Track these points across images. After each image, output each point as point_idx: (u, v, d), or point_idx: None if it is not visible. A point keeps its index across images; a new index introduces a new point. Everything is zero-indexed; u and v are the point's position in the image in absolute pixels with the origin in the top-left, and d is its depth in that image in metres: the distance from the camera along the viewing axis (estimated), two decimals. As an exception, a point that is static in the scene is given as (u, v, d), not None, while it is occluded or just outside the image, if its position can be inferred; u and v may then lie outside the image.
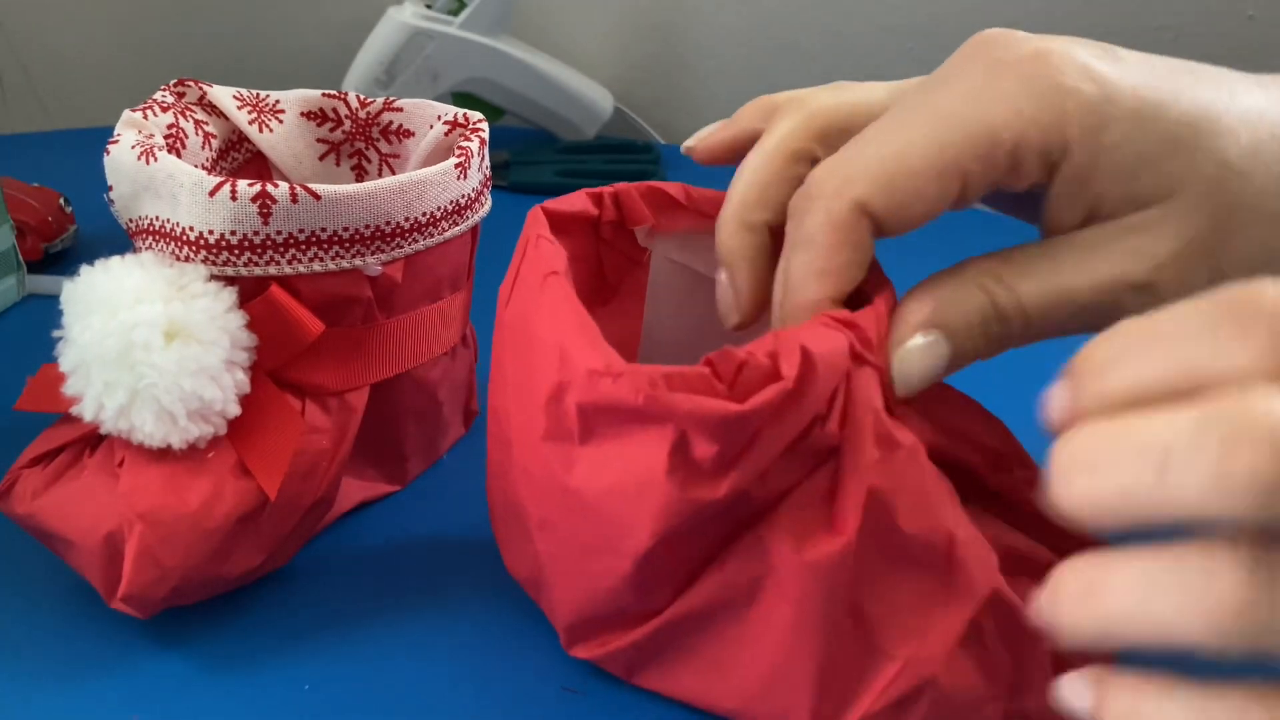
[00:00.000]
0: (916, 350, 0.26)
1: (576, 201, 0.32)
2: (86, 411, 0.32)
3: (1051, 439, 0.19)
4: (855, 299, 0.27)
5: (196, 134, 0.37)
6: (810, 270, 0.26)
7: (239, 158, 0.40)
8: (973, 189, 0.26)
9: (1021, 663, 0.27)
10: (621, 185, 0.33)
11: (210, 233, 0.32)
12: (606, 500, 0.26)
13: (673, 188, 0.33)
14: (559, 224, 0.32)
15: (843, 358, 0.25)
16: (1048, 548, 0.29)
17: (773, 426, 0.24)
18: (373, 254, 0.34)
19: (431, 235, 0.35)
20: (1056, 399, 0.19)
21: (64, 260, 0.56)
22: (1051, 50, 0.26)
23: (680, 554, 0.26)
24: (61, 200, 0.57)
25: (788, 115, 0.30)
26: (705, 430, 0.24)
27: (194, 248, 0.32)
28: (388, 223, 0.33)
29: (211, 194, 0.31)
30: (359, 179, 0.42)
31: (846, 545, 0.25)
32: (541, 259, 0.28)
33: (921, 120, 0.26)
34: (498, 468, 0.32)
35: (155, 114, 0.36)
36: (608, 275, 0.35)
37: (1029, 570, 0.28)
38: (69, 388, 0.32)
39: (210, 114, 0.38)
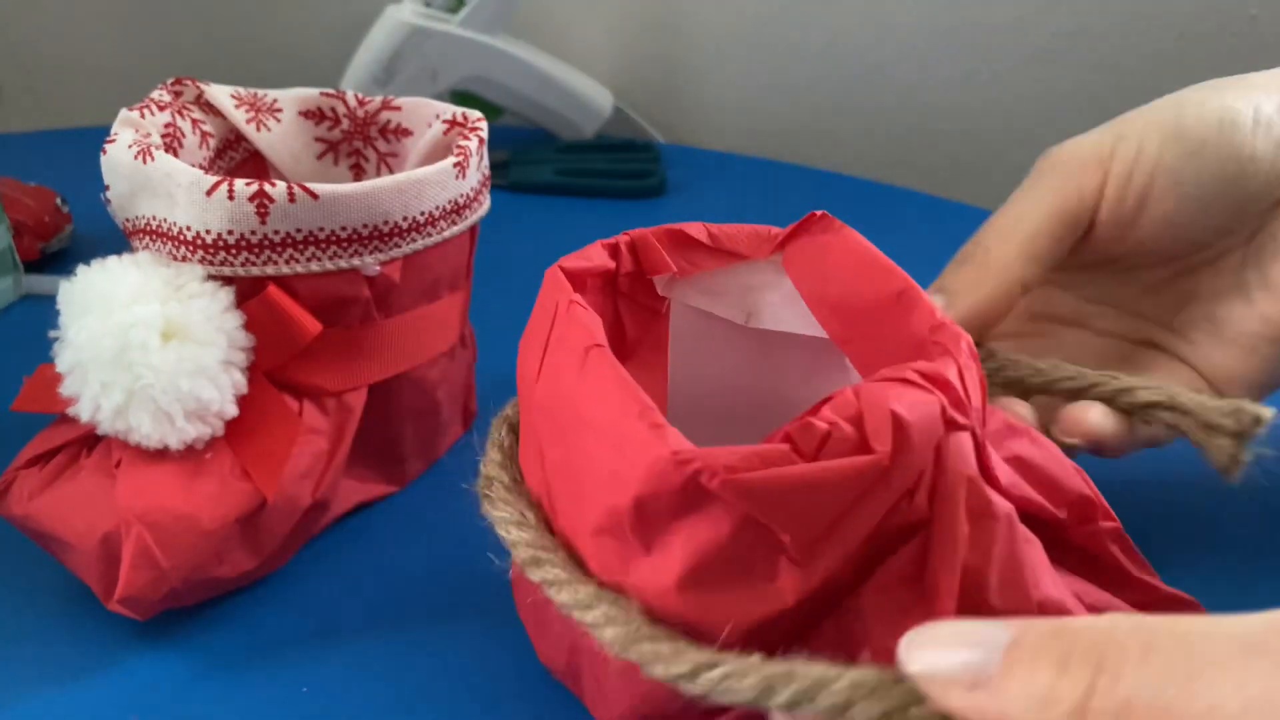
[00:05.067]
0: None
1: (593, 256, 0.29)
2: (83, 412, 0.32)
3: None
4: (917, 349, 0.25)
5: (194, 133, 0.37)
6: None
7: (236, 157, 0.40)
8: None
9: None
10: (638, 232, 0.30)
11: (207, 232, 0.32)
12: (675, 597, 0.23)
13: (693, 228, 0.31)
14: (576, 282, 0.29)
15: (936, 424, 0.22)
16: (1130, 604, 0.28)
17: (861, 506, 0.22)
18: (371, 254, 0.33)
19: (430, 235, 0.35)
20: None
21: (61, 260, 0.56)
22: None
23: (756, 646, 0.23)
24: (58, 200, 0.57)
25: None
26: (789, 515, 0.21)
27: (191, 247, 0.32)
28: (386, 222, 0.33)
29: (209, 193, 0.31)
30: (357, 178, 0.41)
31: None
32: (577, 329, 0.25)
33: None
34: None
35: (152, 113, 0.35)
36: (627, 330, 0.32)
37: None
38: (66, 388, 0.32)
39: (207, 113, 0.38)
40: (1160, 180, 0.33)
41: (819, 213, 0.29)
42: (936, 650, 0.18)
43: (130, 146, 0.32)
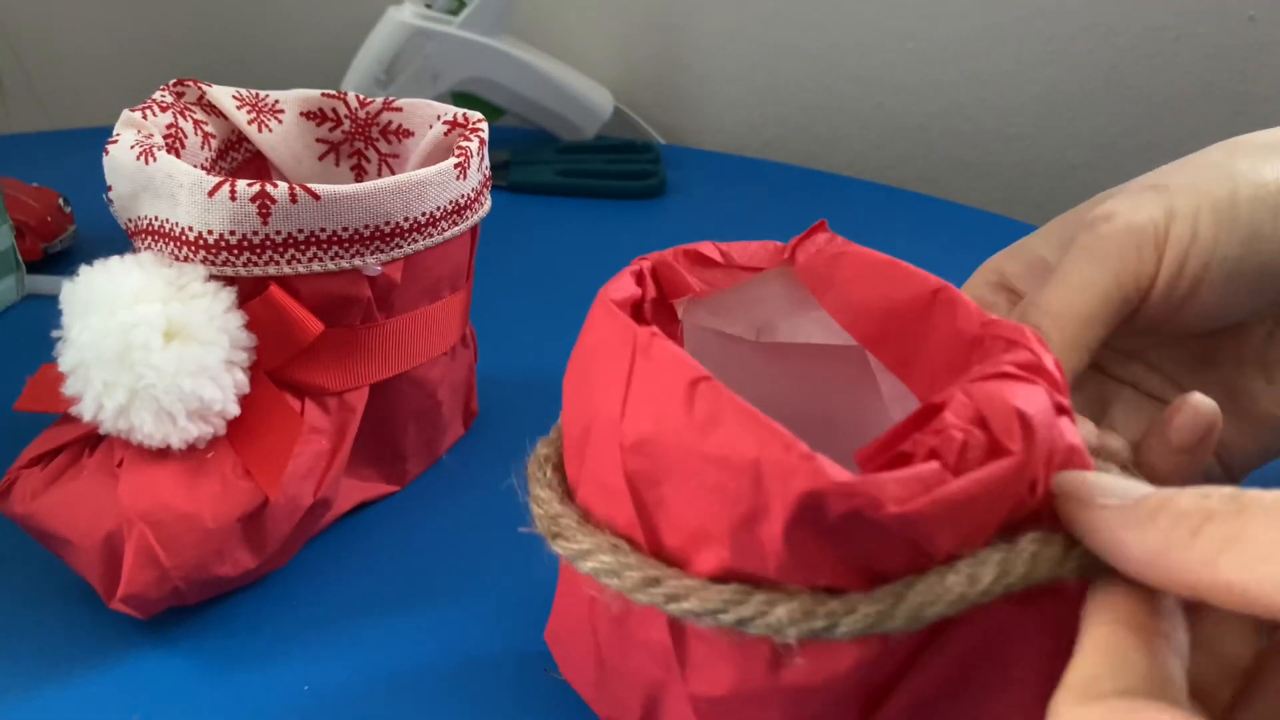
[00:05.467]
0: None
1: (625, 286, 0.28)
2: (86, 411, 0.32)
3: None
4: (971, 344, 0.25)
5: (195, 134, 0.37)
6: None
7: (238, 158, 0.40)
8: None
9: None
10: (658, 256, 0.30)
11: (209, 233, 0.32)
12: None
13: (706, 248, 0.30)
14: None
15: (1051, 414, 0.22)
16: None
17: (997, 506, 0.22)
18: (372, 254, 0.34)
19: (431, 235, 0.35)
20: None
21: (63, 260, 0.56)
22: None
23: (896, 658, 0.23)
24: (60, 200, 0.57)
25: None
26: (943, 530, 0.21)
27: (193, 248, 0.32)
28: (387, 223, 0.33)
29: (211, 194, 0.31)
30: (358, 179, 0.42)
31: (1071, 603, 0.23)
32: (670, 363, 0.23)
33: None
34: (587, 612, 0.27)
35: (154, 114, 0.36)
36: None
37: None
38: (68, 388, 0.32)
39: (209, 114, 0.38)
40: (1215, 270, 0.31)
41: (822, 221, 0.29)
42: (1075, 472, 0.22)
43: (132, 147, 0.33)
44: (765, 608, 0.21)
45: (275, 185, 0.32)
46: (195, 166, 0.32)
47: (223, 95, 0.38)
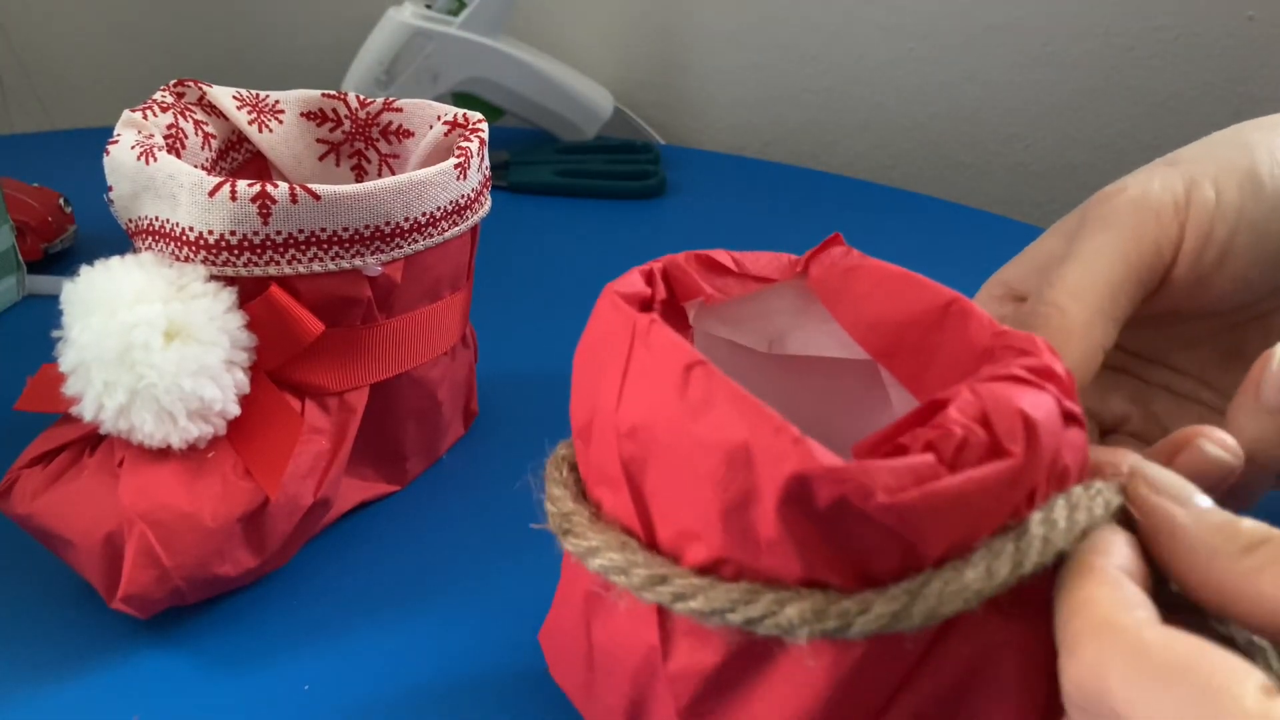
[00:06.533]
0: None
1: (633, 282, 0.28)
2: (86, 411, 0.32)
3: None
4: (982, 356, 0.25)
5: (196, 134, 0.37)
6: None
7: (239, 158, 0.40)
8: None
9: None
10: (670, 258, 0.29)
11: (210, 233, 0.32)
12: None
13: (719, 255, 0.30)
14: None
15: (1057, 421, 0.21)
16: None
17: (993, 510, 0.21)
18: (372, 254, 0.34)
19: (431, 235, 0.35)
20: None
21: (64, 260, 0.56)
22: None
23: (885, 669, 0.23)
24: (61, 200, 0.57)
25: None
26: (932, 528, 0.21)
27: (194, 248, 0.32)
28: (387, 223, 0.33)
29: (211, 194, 0.31)
30: (359, 179, 0.42)
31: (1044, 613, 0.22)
32: (667, 348, 0.23)
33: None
34: (582, 613, 0.27)
35: (155, 114, 0.36)
36: None
37: None
38: (69, 388, 0.32)
39: (210, 114, 0.38)
40: (1243, 235, 0.29)
41: (837, 235, 0.29)
42: (1159, 467, 0.22)
43: (133, 147, 0.33)
44: (775, 607, 0.21)
45: (275, 185, 0.32)
46: (196, 167, 0.32)
47: (223, 95, 0.38)
